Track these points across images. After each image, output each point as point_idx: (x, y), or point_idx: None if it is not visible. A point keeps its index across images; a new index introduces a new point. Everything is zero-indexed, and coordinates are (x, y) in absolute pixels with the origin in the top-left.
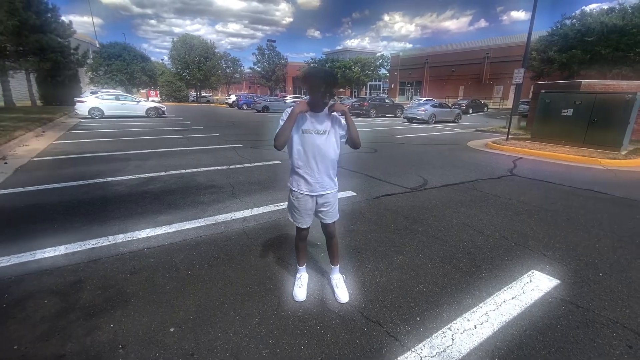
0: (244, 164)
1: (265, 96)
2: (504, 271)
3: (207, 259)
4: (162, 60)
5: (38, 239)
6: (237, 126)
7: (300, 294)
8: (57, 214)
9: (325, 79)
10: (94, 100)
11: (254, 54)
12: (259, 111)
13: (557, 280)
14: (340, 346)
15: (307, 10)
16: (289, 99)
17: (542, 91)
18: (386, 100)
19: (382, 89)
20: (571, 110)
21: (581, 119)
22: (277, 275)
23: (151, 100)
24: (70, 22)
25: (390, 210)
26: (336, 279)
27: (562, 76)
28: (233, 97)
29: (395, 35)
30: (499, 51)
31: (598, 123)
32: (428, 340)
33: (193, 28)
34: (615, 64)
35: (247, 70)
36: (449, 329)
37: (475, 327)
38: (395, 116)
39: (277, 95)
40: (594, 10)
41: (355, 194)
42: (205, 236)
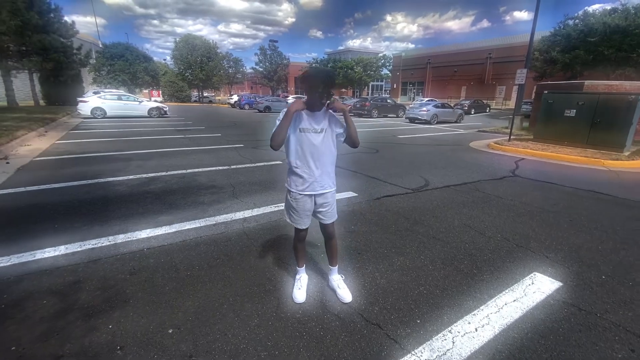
0: (245, 164)
1: (267, 96)
2: (505, 273)
3: (207, 260)
4: (165, 60)
5: (38, 239)
6: (239, 126)
7: (300, 295)
8: (58, 214)
9: (323, 80)
10: (96, 100)
11: (256, 54)
12: (260, 111)
13: (559, 283)
14: (340, 349)
15: (310, 10)
16: (291, 99)
17: (545, 92)
18: (388, 101)
19: (384, 89)
20: (574, 111)
21: (584, 120)
22: (277, 277)
23: (153, 101)
24: (73, 22)
25: (391, 211)
26: (336, 280)
27: (565, 77)
28: (235, 98)
29: (397, 36)
30: (501, 51)
31: (601, 124)
32: (428, 343)
33: (195, 28)
34: (619, 64)
35: (249, 70)
36: (450, 332)
37: (476, 330)
38: (397, 116)
39: (279, 95)
40: (597, 10)
41: (356, 194)
42: (205, 237)
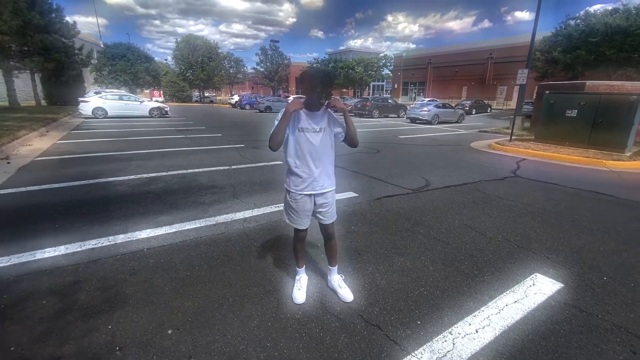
0: (246, 164)
1: (268, 96)
2: (506, 274)
3: (207, 260)
4: (166, 60)
5: (39, 239)
6: (240, 126)
7: (300, 296)
8: (59, 214)
9: (321, 79)
10: (97, 100)
11: (257, 54)
12: (261, 111)
13: (561, 284)
14: (340, 350)
15: (311, 10)
16: (292, 99)
17: (546, 92)
18: (389, 101)
19: (385, 89)
20: (575, 111)
21: (585, 120)
22: (277, 277)
23: (154, 101)
24: (75, 23)
25: (391, 212)
26: (336, 280)
27: (567, 77)
28: (236, 98)
29: (398, 36)
30: (502, 51)
31: (602, 124)
32: (428, 344)
33: (197, 28)
34: (620, 65)
35: (250, 70)
36: (450, 333)
37: (476, 332)
38: (398, 117)
39: (280, 95)
40: (598, 11)
41: (356, 195)
42: (205, 237)
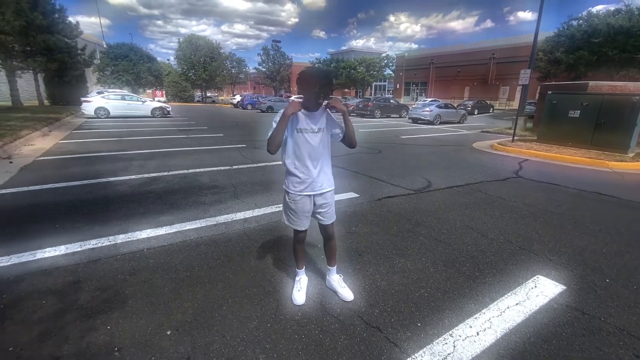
0: (247, 165)
1: (270, 96)
2: (508, 276)
3: (207, 261)
4: (168, 60)
5: (39, 239)
6: (242, 126)
7: (300, 297)
8: (60, 214)
9: (319, 79)
10: (100, 100)
11: (259, 55)
12: (263, 111)
13: (563, 286)
14: (339, 352)
15: (313, 10)
16: (293, 99)
17: (549, 92)
18: (391, 101)
19: (387, 89)
20: (578, 111)
21: (588, 121)
22: (277, 278)
23: (157, 101)
24: (78, 23)
25: (392, 213)
26: (336, 280)
27: (569, 77)
28: (238, 98)
29: (400, 36)
30: (505, 52)
31: (605, 125)
32: (429, 347)
33: (199, 29)
34: (622, 65)
35: (252, 70)
36: (451, 336)
37: (477, 334)
38: (400, 117)
39: (282, 95)
40: (601, 11)
41: (357, 195)
42: (205, 237)
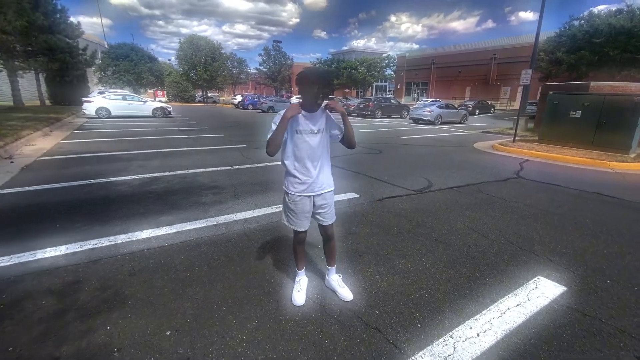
0: (248, 165)
1: (271, 97)
2: (508, 277)
3: (207, 261)
4: (169, 60)
5: (40, 239)
6: (242, 127)
7: (299, 298)
8: (60, 214)
9: (317, 80)
10: (101, 100)
11: (260, 55)
12: (264, 112)
13: (564, 287)
14: (339, 353)
15: (314, 11)
16: (294, 99)
17: (550, 92)
18: (392, 101)
19: (388, 89)
20: (579, 112)
21: (589, 121)
22: (277, 278)
23: (158, 101)
24: (79, 23)
25: (393, 213)
26: (335, 279)
27: (571, 77)
28: (239, 98)
29: (401, 36)
30: (506, 52)
31: (606, 125)
32: (429, 348)
33: (200, 29)
34: (624, 65)
35: (253, 70)
36: (451, 337)
37: (477, 336)
38: (401, 117)
39: (283, 95)
40: (602, 11)
41: (357, 195)
42: (205, 237)
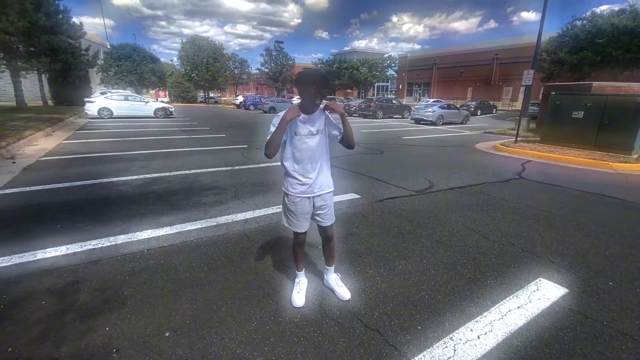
0: (248, 165)
1: (272, 97)
2: (509, 278)
3: (207, 262)
4: (171, 61)
5: (40, 239)
6: (244, 127)
7: (299, 299)
8: (61, 214)
9: (315, 81)
10: (103, 100)
11: (262, 55)
12: (265, 112)
13: (565, 289)
14: (338, 355)
15: (315, 11)
16: (296, 100)
17: (553, 93)
18: (393, 101)
19: (390, 90)
20: (582, 112)
21: (592, 122)
22: (276, 279)
23: (160, 101)
24: (81, 24)
25: (394, 214)
26: (333, 279)
27: (573, 78)
28: (240, 98)
29: (403, 36)
30: (508, 52)
31: (609, 126)
32: (429, 350)
33: (202, 29)
34: (627, 66)
35: (255, 71)
36: (451, 339)
37: (478, 338)
38: (403, 117)
39: (284, 96)
40: (605, 11)
41: (358, 196)
42: (206, 238)
